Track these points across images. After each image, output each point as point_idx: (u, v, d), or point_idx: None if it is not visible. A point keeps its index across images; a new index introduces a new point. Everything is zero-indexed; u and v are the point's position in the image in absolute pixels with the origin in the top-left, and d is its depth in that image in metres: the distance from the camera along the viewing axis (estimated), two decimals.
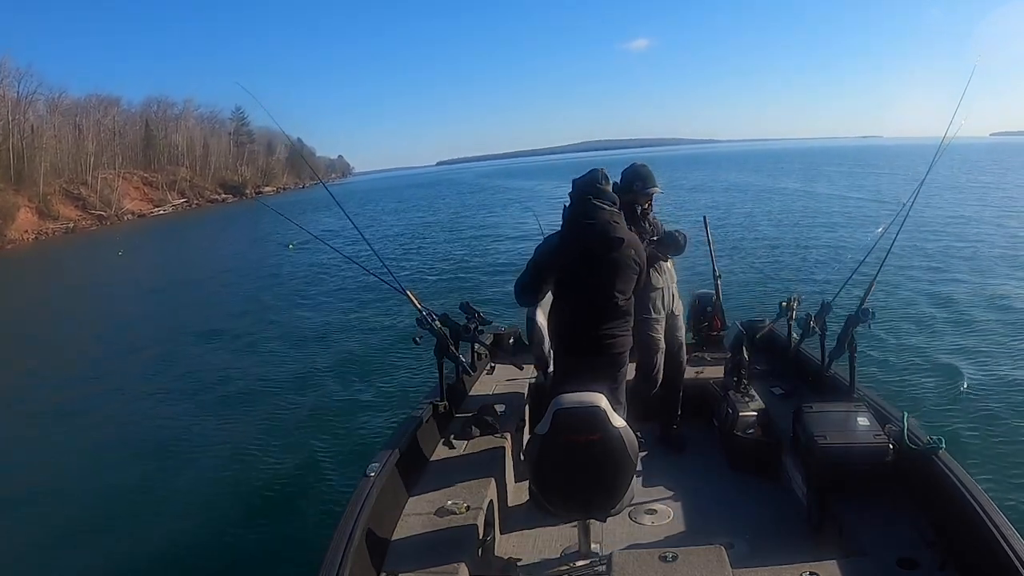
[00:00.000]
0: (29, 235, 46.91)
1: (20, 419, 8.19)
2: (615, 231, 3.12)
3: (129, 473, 6.08)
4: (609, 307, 3.17)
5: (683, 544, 2.42)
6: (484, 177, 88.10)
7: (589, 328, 3.21)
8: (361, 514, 2.58)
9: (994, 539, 2.22)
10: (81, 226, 52.64)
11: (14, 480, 6.21)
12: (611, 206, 3.16)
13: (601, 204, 3.13)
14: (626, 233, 3.17)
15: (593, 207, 3.13)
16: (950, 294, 10.36)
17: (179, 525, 4.98)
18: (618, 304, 3.17)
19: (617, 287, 3.15)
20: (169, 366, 9.93)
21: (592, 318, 3.20)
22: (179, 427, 7.13)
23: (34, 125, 55.64)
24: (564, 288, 3.27)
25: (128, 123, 70.59)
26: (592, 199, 3.14)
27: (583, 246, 3.13)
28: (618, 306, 3.18)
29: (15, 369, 10.91)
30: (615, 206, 3.18)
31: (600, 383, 3.01)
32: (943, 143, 3.69)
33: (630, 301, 3.24)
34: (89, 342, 12.42)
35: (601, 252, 3.11)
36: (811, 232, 18.29)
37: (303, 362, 9.23)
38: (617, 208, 3.19)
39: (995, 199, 24.99)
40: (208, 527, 4.92)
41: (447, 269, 16.64)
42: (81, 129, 61.93)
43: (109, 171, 62.15)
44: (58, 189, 54.94)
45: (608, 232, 3.11)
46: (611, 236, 3.11)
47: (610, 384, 3.16)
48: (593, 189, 3.17)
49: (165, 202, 67.31)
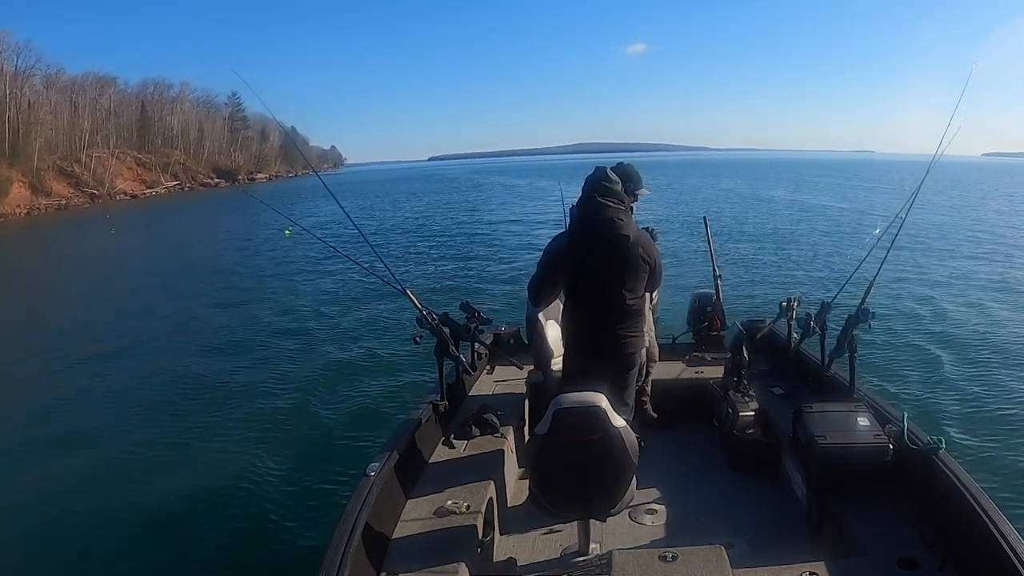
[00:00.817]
0: (21, 210, 47.23)
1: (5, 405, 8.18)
2: (622, 229, 3.06)
3: (128, 473, 6.06)
4: (618, 307, 3.13)
5: (683, 544, 2.42)
6: (478, 174, 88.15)
7: (599, 329, 3.18)
8: (361, 514, 2.58)
9: (994, 539, 2.22)
10: (73, 203, 52.92)
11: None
12: (618, 204, 3.10)
13: (607, 201, 3.07)
14: (634, 231, 3.10)
15: (600, 205, 3.07)
16: (950, 294, 10.37)
17: (178, 525, 4.97)
18: (627, 303, 3.13)
19: (626, 286, 3.11)
20: (158, 360, 9.80)
21: (601, 318, 3.16)
22: (177, 426, 7.09)
23: (31, 100, 55.86)
24: (574, 288, 3.23)
25: (124, 103, 70.83)
26: (598, 197, 3.09)
27: (590, 245, 3.09)
28: (628, 305, 3.14)
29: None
30: (623, 204, 3.12)
31: (610, 384, 3.01)
32: (936, 156, 3.72)
33: (641, 300, 3.19)
34: (79, 326, 12.28)
35: (608, 251, 3.07)
36: (811, 233, 18.32)
37: (303, 362, 9.21)
38: (624, 206, 3.13)
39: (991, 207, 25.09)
40: (208, 527, 4.91)
41: (447, 269, 16.64)
42: (77, 107, 62.19)
43: (103, 150, 62.61)
44: (52, 165, 55.37)
45: (614, 230, 3.05)
46: (617, 234, 3.05)
47: (620, 385, 3.16)
48: (600, 187, 3.11)
49: (158, 184, 67.53)
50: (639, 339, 3.24)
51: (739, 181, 47.06)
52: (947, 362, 7.20)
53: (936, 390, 6.42)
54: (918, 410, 5.42)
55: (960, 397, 6.23)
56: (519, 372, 4.51)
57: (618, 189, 3.14)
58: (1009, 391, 6.31)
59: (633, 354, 3.24)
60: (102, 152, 61.83)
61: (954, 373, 6.83)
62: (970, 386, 6.47)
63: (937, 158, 3.72)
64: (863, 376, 3.63)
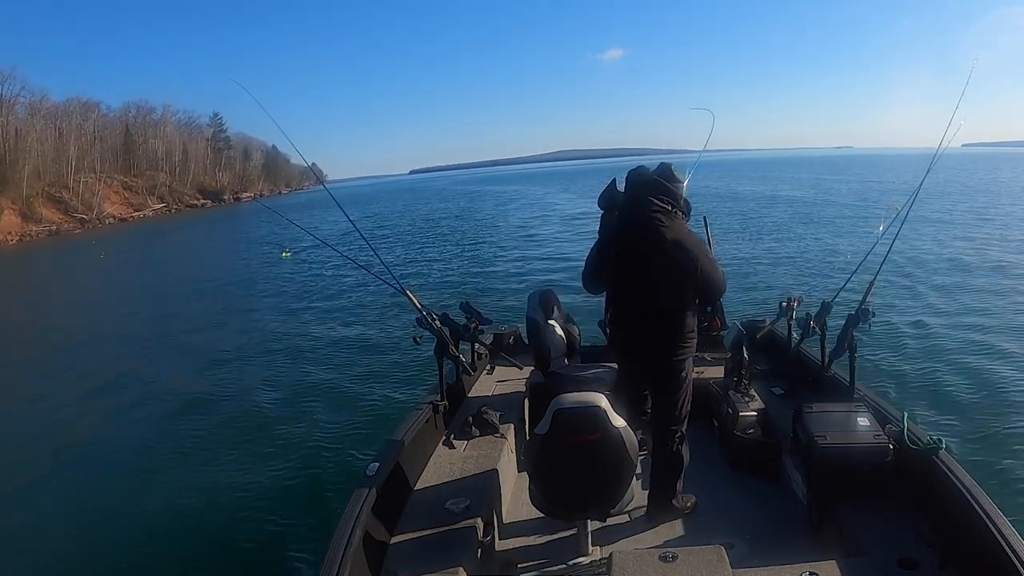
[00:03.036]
0: (13, 236, 48.08)
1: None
2: (661, 230, 2.93)
3: (128, 473, 6.07)
4: (652, 309, 3.02)
5: (683, 544, 2.42)
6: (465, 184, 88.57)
7: (631, 330, 3.11)
8: (361, 514, 2.58)
9: (994, 539, 2.22)
10: (64, 228, 53.73)
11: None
12: (664, 203, 2.97)
13: (651, 199, 2.97)
14: (676, 232, 2.95)
15: (642, 202, 2.98)
16: (950, 294, 10.36)
17: (179, 526, 4.97)
18: (665, 307, 3.01)
19: (665, 291, 2.97)
20: (159, 367, 9.85)
21: (635, 319, 3.08)
22: (177, 428, 7.11)
23: (18, 128, 56.46)
24: (612, 285, 3.20)
25: (108, 128, 71.68)
26: (642, 193, 3.02)
27: (626, 243, 3.03)
28: (670, 311, 3.01)
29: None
30: (670, 204, 2.99)
31: (652, 389, 3.07)
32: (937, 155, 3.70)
33: (684, 306, 3.03)
34: (75, 344, 12.29)
35: (643, 250, 2.97)
36: (811, 233, 18.32)
37: (302, 362, 9.22)
38: (672, 207, 3.00)
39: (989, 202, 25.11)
40: (208, 527, 4.91)
41: (448, 269, 16.65)
42: (62, 133, 62.83)
43: (90, 175, 63.21)
44: (40, 192, 55.89)
45: (654, 231, 2.93)
46: (656, 235, 2.93)
47: (661, 390, 3.11)
48: (647, 182, 3.04)
49: (145, 206, 68.50)
50: (685, 346, 3.06)
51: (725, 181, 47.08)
52: (947, 362, 7.19)
53: (936, 390, 6.41)
54: (918, 410, 5.43)
55: (960, 397, 6.22)
56: (519, 372, 4.50)
57: (670, 188, 3.02)
58: (1010, 391, 6.30)
59: (681, 360, 3.06)
60: (89, 177, 62.58)
61: (954, 373, 6.83)
62: (970, 386, 6.46)
63: (938, 157, 3.70)
64: (863, 376, 3.62)
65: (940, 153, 3.69)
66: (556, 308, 4.32)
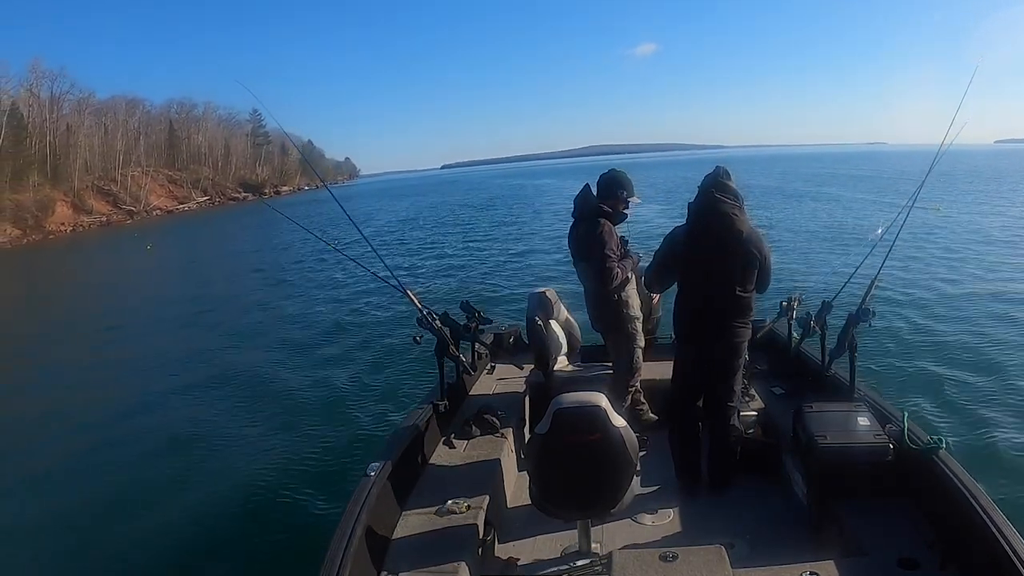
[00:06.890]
0: (66, 227, 51.04)
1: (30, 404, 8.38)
2: (737, 224, 3.24)
3: (128, 473, 6.07)
4: (728, 297, 3.30)
5: (683, 544, 2.42)
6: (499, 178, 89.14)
7: (706, 318, 3.36)
8: (361, 514, 2.58)
9: (994, 539, 2.22)
10: (115, 220, 56.76)
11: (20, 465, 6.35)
12: (733, 200, 3.27)
13: (723, 198, 3.26)
14: (747, 226, 3.27)
15: (716, 200, 3.26)
16: (951, 294, 10.35)
17: (179, 525, 4.97)
18: (737, 295, 3.30)
19: (736, 278, 3.28)
20: (174, 362, 9.93)
21: (709, 308, 3.35)
22: (179, 426, 7.11)
23: (69, 124, 59.48)
24: (685, 278, 3.43)
25: (152, 124, 74.09)
26: (715, 193, 3.27)
27: (705, 238, 3.28)
28: (737, 296, 3.30)
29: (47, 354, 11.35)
30: (738, 201, 3.29)
31: (715, 371, 3.33)
32: (939, 153, 3.68)
33: (750, 294, 3.33)
34: (99, 335, 12.75)
35: (722, 244, 3.25)
36: (811, 233, 18.30)
37: (303, 362, 9.22)
38: (740, 204, 3.30)
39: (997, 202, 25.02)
40: (209, 527, 4.91)
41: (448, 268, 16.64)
42: (108, 129, 65.52)
43: (136, 169, 65.97)
44: (90, 185, 59.14)
45: (730, 225, 3.23)
46: (733, 228, 3.23)
47: (726, 371, 3.38)
48: (716, 184, 3.30)
49: (189, 199, 70.89)
50: (746, 330, 3.40)
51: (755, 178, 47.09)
52: (947, 362, 7.19)
53: (936, 390, 6.40)
54: (918, 410, 5.42)
55: (960, 397, 6.22)
56: (519, 372, 4.51)
57: (733, 187, 3.32)
58: (1010, 391, 6.30)
59: (740, 343, 3.40)
60: (135, 171, 65.35)
61: (954, 373, 6.82)
62: (970, 386, 6.46)
63: (940, 154, 3.68)
64: (863, 376, 3.62)
65: (942, 152, 3.68)
66: (556, 308, 4.32)
